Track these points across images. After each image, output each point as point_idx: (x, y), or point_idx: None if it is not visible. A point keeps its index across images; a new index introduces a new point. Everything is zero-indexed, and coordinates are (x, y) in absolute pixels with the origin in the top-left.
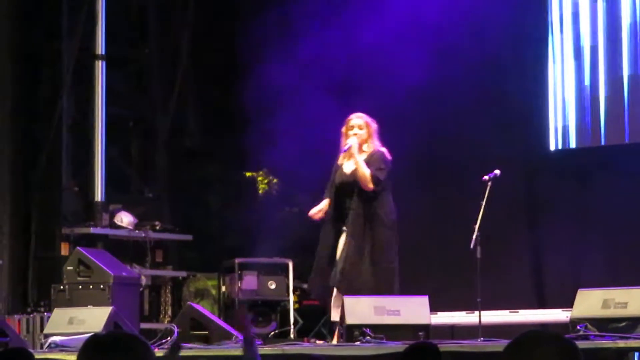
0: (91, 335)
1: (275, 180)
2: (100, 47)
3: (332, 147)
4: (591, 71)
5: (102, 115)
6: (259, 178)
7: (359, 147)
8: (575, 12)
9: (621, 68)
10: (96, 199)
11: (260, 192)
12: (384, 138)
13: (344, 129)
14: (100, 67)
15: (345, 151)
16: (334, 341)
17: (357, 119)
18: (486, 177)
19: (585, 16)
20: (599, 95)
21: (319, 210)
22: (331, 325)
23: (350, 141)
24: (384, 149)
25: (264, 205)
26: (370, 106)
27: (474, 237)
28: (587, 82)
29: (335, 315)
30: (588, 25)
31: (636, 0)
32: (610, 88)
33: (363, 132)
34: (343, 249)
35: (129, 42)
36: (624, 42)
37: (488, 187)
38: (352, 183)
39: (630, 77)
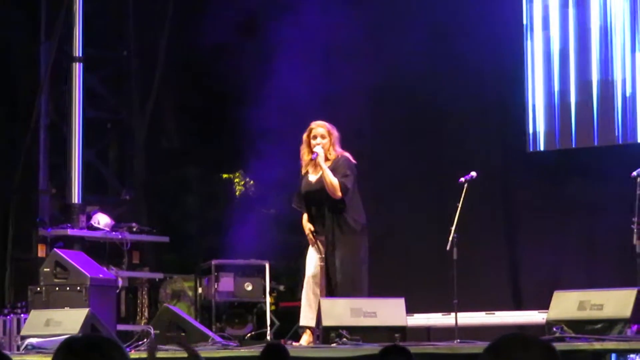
0: (66, 338)
1: (251, 182)
2: (78, 49)
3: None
4: (560, 74)
5: (79, 117)
6: (236, 180)
7: (324, 156)
8: (546, 16)
9: (591, 73)
10: (73, 201)
11: (237, 193)
12: (360, 140)
13: (305, 137)
14: (77, 68)
15: (313, 159)
16: (301, 343)
17: (319, 128)
18: (462, 179)
19: (555, 20)
20: (571, 98)
21: (309, 229)
22: (298, 329)
23: (317, 150)
24: (347, 154)
25: (240, 206)
26: (348, 110)
27: (451, 238)
28: (560, 84)
29: (303, 320)
30: (557, 29)
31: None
32: (596, 91)
33: (326, 141)
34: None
35: (107, 44)
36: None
37: (464, 189)
38: (318, 191)
39: (600, 82)
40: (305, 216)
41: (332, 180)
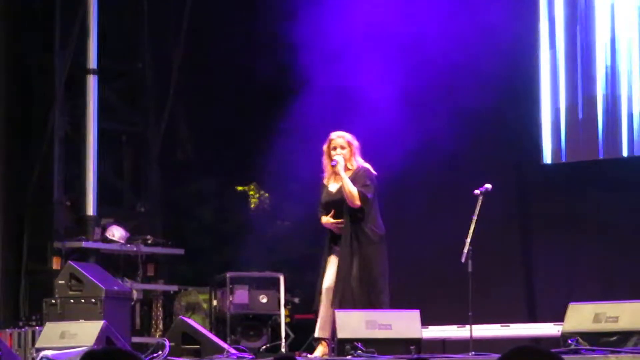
0: (87, 351)
1: (266, 195)
2: (93, 61)
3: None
4: (581, 85)
5: (94, 129)
6: (251, 192)
7: (344, 165)
8: (567, 23)
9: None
10: (88, 213)
11: (252, 206)
12: (377, 153)
13: (325, 148)
14: (92, 81)
15: (332, 166)
16: (317, 355)
17: (339, 138)
18: (477, 191)
19: (573, 31)
20: (598, 108)
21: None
22: (313, 341)
23: (337, 158)
24: (367, 165)
25: (255, 219)
26: (364, 121)
27: (466, 251)
28: (578, 96)
29: (318, 332)
30: (578, 40)
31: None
32: (604, 102)
33: (346, 151)
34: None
35: (122, 56)
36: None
37: (479, 201)
38: (338, 201)
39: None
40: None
41: (351, 189)
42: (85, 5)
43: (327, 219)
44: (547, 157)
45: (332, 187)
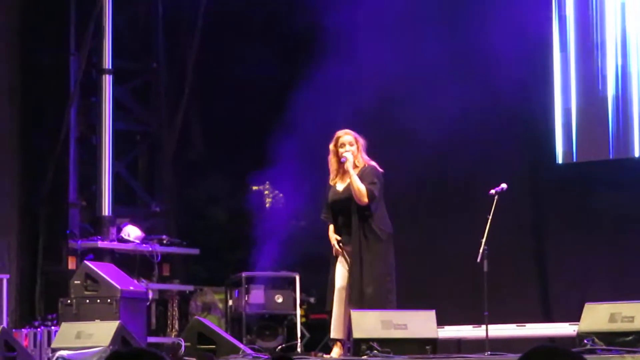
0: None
1: (281, 195)
2: (107, 61)
3: None
4: (593, 86)
5: (109, 129)
6: (265, 192)
7: (352, 162)
8: (577, 25)
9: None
10: (103, 213)
11: (266, 205)
12: (391, 152)
13: (332, 146)
14: (107, 81)
15: (342, 162)
16: (332, 356)
17: (346, 136)
18: (493, 191)
19: (585, 31)
20: (608, 109)
21: (335, 240)
22: (329, 341)
23: (346, 155)
24: (374, 163)
25: (270, 218)
26: (376, 120)
27: (481, 250)
28: (591, 96)
29: (333, 332)
30: (592, 39)
31: None
32: (617, 102)
33: (353, 148)
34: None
35: (136, 56)
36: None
37: (495, 201)
38: (345, 200)
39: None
40: (331, 227)
41: (360, 186)
42: (99, 5)
43: (332, 234)
44: (559, 157)
45: (339, 186)
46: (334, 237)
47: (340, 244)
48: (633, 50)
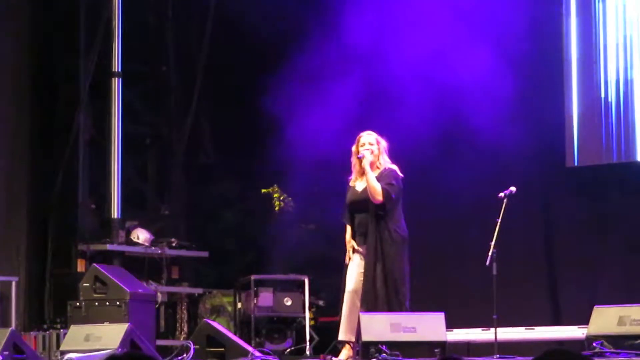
0: (109, 356)
1: (290, 198)
2: (117, 64)
3: (348, 164)
4: (605, 87)
5: (118, 132)
6: (275, 195)
7: (372, 164)
8: (584, 28)
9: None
10: (112, 216)
11: (276, 209)
12: (400, 153)
13: (354, 148)
14: (116, 84)
15: (359, 158)
16: (341, 358)
17: (368, 136)
18: (502, 194)
19: (592, 33)
20: (615, 112)
21: (351, 246)
22: (337, 344)
23: (364, 153)
24: (394, 167)
25: (279, 222)
26: (385, 122)
27: (490, 254)
28: (601, 99)
29: (343, 335)
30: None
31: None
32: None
33: (373, 148)
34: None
35: (146, 60)
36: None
37: (504, 204)
38: (364, 200)
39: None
40: (348, 231)
41: (374, 184)
42: (109, 8)
43: (348, 239)
44: (574, 160)
45: (359, 186)
46: (350, 244)
47: (354, 247)
48: (637, 54)
